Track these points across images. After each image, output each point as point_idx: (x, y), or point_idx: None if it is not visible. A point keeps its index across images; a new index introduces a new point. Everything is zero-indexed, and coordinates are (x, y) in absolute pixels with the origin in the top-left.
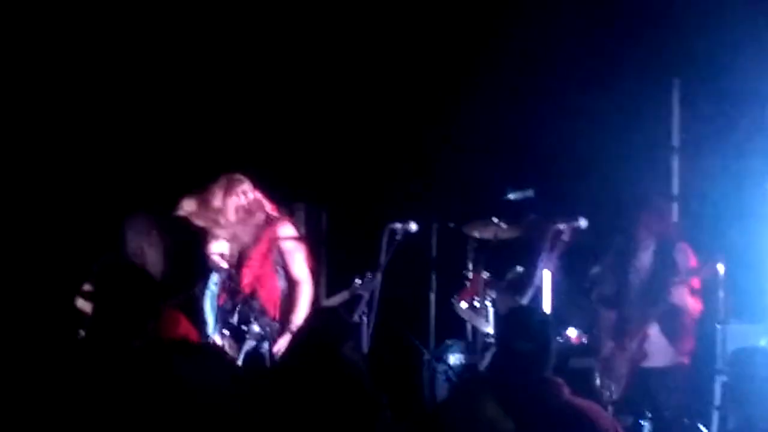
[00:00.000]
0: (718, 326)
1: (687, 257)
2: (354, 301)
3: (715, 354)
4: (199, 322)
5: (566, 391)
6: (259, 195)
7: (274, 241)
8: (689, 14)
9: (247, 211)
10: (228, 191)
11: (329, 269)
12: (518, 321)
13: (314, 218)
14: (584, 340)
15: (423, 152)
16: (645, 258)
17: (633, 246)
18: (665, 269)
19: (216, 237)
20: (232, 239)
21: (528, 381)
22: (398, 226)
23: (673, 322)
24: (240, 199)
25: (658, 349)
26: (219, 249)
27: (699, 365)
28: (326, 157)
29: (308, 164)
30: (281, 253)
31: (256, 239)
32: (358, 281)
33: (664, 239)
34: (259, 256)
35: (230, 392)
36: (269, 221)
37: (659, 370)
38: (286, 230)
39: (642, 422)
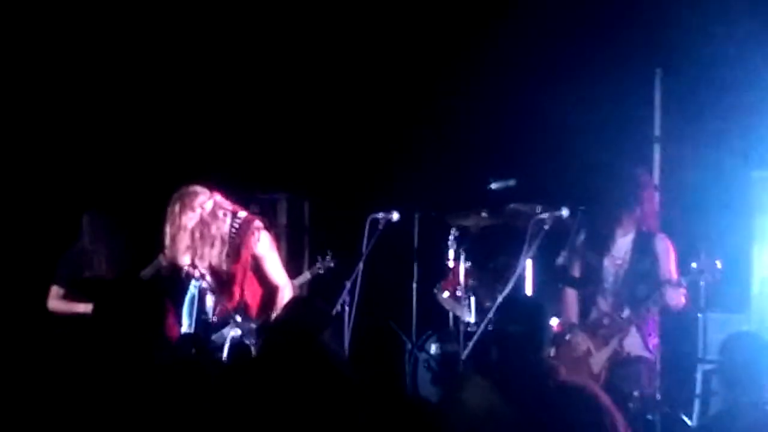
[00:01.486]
0: (700, 315)
1: (667, 248)
2: (325, 280)
3: (696, 343)
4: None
5: (562, 371)
6: (217, 198)
7: (251, 250)
8: (671, 4)
9: (205, 223)
10: (182, 209)
11: (311, 259)
12: (511, 306)
13: (296, 208)
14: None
15: (405, 142)
16: (623, 245)
17: (610, 230)
18: (644, 259)
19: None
20: (194, 255)
21: (523, 363)
22: (380, 215)
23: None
24: (196, 214)
25: (630, 340)
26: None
27: (680, 354)
28: (308, 147)
29: (290, 154)
30: (257, 260)
31: (235, 251)
32: (319, 262)
33: (644, 227)
34: (242, 268)
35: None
36: (241, 228)
37: (630, 359)
38: (262, 237)
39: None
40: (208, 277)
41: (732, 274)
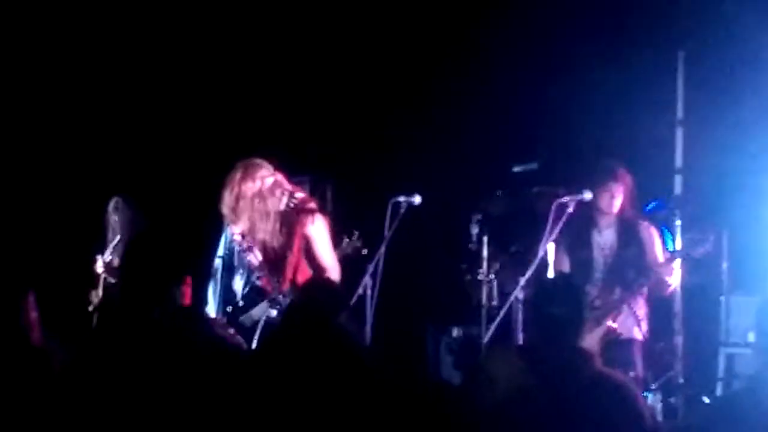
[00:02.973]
0: (722, 298)
1: (651, 235)
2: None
3: (719, 326)
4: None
5: (598, 361)
6: (279, 177)
7: (306, 233)
8: None
9: (264, 196)
10: (243, 177)
11: (334, 241)
12: (552, 287)
13: (319, 191)
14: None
15: (428, 125)
16: (608, 236)
17: (593, 223)
18: (630, 247)
19: (237, 225)
20: (251, 227)
21: (561, 349)
22: (402, 199)
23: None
24: (255, 185)
25: (623, 321)
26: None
27: (703, 337)
28: (331, 130)
29: (313, 137)
30: (308, 241)
31: (285, 230)
32: (345, 241)
33: (626, 217)
34: (297, 250)
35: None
36: (298, 211)
37: (622, 341)
38: (317, 222)
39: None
40: (258, 253)
41: (755, 256)
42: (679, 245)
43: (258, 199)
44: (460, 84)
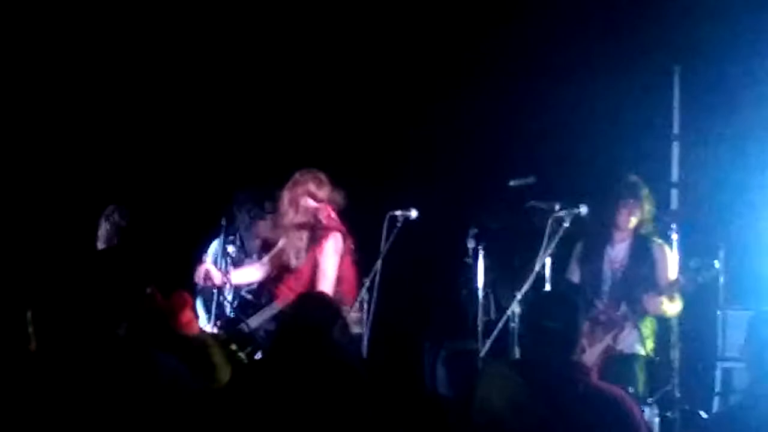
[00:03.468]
0: (719, 313)
1: (664, 255)
2: None
3: (716, 340)
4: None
5: (594, 375)
6: (331, 194)
7: (316, 259)
8: (690, 1)
9: (298, 209)
10: (292, 186)
11: None
12: (548, 300)
13: None
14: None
15: (424, 139)
16: (621, 251)
17: (608, 237)
18: (642, 265)
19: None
20: (286, 240)
21: (556, 362)
22: (398, 213)
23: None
24: (298, 194)
25: (625, 337)
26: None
27: (699, 351)
28: (327, 144)
29: (307, 152)
30: (317, 268)
31: (306, 248)
32: None
33: (642, 234)
34: (306, 270)
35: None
36: (317, 233)
37: (623, 356)
38: (329, 246)
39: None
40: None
41: (752, 270)
42: (676, 259)
43: (293, 209)
44: (457, 99)
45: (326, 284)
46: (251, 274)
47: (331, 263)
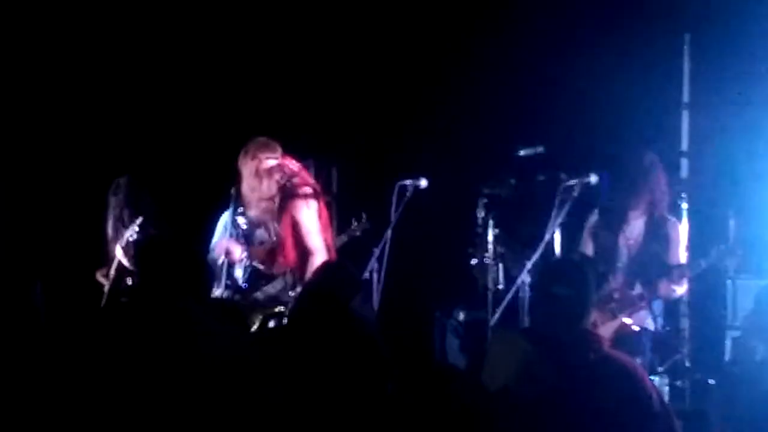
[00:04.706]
0: (728, 281)
1: (677, 234)
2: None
3: (725, 309)
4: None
5: (606, 343)
6: (282, 161)
7: (292, 216)
8: None
9: (262, 176)
10: (245, 155)
11: (339, 225)
12: (558, 266)
13: (324, 174)
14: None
15: (433, 108)
16: (636, 228)
17: (624, 213)
18: (656, 242)
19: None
20: (249, 202)
21: (567, 330)
22: (408, 182)
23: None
24: (254, 164)
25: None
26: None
27: (709, 320)
28: (335, 113)
29: (317, 120)
30: (296, 224)
31: (278, 210)
32: (354, 224)
33: (657, 211)
34: (286, 233)
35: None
36: (289, 194)
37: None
38: (304, 207)
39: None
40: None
41: (762, 239)
42: (685, 231)
43: (255, 179)
44: (466, 67)
45: (315, 239)
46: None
47: (309, 216)
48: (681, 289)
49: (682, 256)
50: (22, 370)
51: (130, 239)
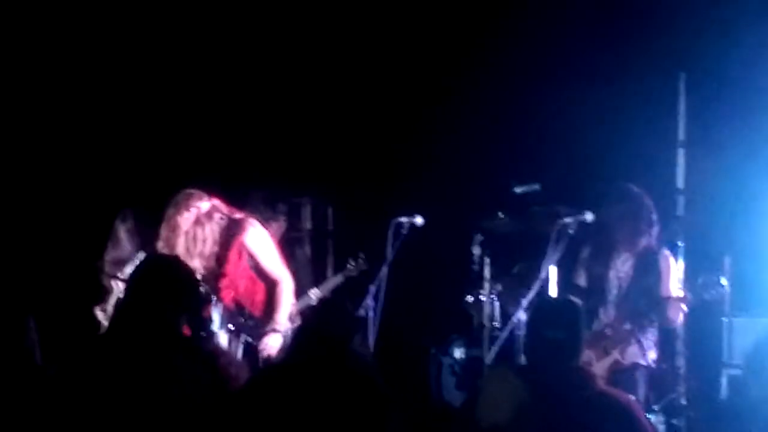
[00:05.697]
0: (725, 320)
1: (669, 266)
2: (349, 284)
3: (721, 347)
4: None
5: (599, 381)
6: (215, 202)
7: (242, 246)
8: (695, 8)
9: (195, 226)
10: (178, 209)
11: (336, 263)
12: (550, 309)
13: (320, 213)
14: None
15: (429, 146)
16: (626, 266)
17: (612, 254)
18: (648, 275)
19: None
20: (191, 256)
21: (560, 370)
22: (404, 219)
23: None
24: (191, 214)
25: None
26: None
27: (705, 358)
28: (331, 152)
29: (313, 159)
30: (252, 256)
31: (224, 248)
32: (351, 264)
33: (647, 251)
34: (232, 266)
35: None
36: (232, 227)
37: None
38: (252, 233)
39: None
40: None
41: (758, 277)
42: (681, 268)
43: (196, 227)
44: (461, 104)
45: (278, 266)
46: None
47: (267, 243)
48: (674, 321)
49: (674, 288)
50: (16, 413)
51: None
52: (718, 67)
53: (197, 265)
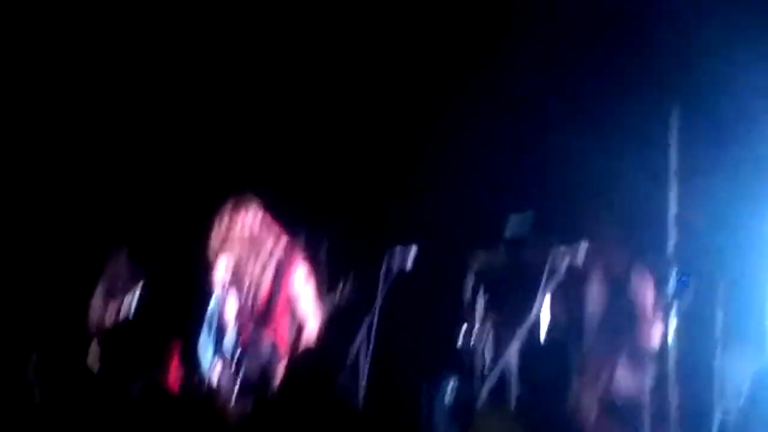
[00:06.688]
0: (717, 352)
1: (645, 285)
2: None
3: (713, 384)
4: (196, 348)
5: (593, 419)
6: (266, 217)
7: (290, 290)
8: (687, 42)
9: (253, 232)
10: (236, 208)
11: (329, 292)
12: (540, 349)
13: (314, 243)
14: None
15: (422, 177)
16: (597, 292)
17: (582, 279)
18: (620, 301)
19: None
20: (239, 260)
21: (551, 406)
22: (397, 249)
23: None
24: (248, 218)
25: (624, 378)
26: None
27: (697, 397)
28: (327, 181)
29: (307, 189)
30: (294, 293)
31: (272, 276)
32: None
33: (616, 272)
34: (282, 301)
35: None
36: (282, 255)
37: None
38: (299, 275)
39: None
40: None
41: (749, 309)
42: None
43: (248, 233)
44: (455, 133)
45: (309, 304)
46: None
47: (304, 280)
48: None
49: (650, 309)
50: None
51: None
52: (710, 99)
53: (246, 278)
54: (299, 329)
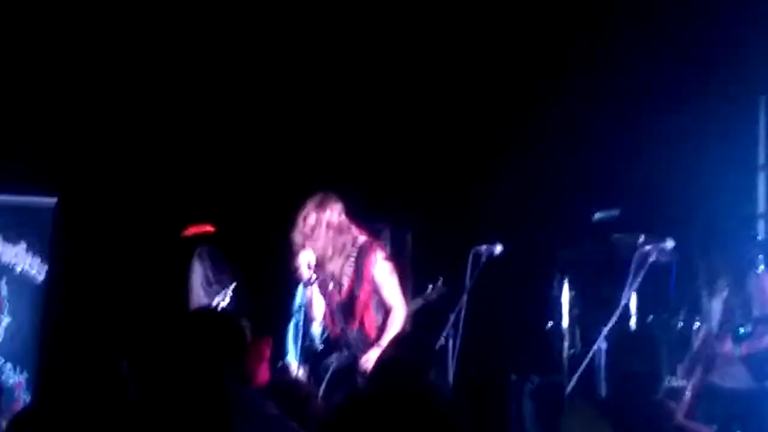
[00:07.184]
0: None
1: (760, 284)
2: (429, 311)
3: None
4: (285, 342)
5: (679, 414)
6: (350, 214)
7: (372, 277)
8: None
9: (337, 229)
10: (321, 205)
11: (415, 289)
12: (632, 343)
13: (399, 240)
14: None
15: (508, 173)
16: (717, 304)
17: (707, 292)
18: (740, 295)
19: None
20: (323, 256)
21: (642, 403)
22: (483, 248)
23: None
24: (333, 215)
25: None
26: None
27: None
28: (412, 178)
29: (393, 184)
30: (377, 288)
31: (354, 269)
32: (430, 288)
33: (739, 283)
34: (365, 293)
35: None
36: (362, 250)
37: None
38: (381, 265)
39: None
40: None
41: None
42: None
43: (332, 230)
44: (541, 132)
45: (394, 294)
46: None
47: (388, 271)
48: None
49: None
50: None
51: (222, 305)
52: None
53: (330, 270)
54: (385, 323)
